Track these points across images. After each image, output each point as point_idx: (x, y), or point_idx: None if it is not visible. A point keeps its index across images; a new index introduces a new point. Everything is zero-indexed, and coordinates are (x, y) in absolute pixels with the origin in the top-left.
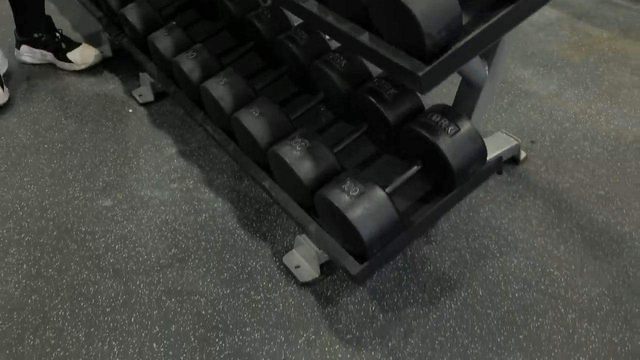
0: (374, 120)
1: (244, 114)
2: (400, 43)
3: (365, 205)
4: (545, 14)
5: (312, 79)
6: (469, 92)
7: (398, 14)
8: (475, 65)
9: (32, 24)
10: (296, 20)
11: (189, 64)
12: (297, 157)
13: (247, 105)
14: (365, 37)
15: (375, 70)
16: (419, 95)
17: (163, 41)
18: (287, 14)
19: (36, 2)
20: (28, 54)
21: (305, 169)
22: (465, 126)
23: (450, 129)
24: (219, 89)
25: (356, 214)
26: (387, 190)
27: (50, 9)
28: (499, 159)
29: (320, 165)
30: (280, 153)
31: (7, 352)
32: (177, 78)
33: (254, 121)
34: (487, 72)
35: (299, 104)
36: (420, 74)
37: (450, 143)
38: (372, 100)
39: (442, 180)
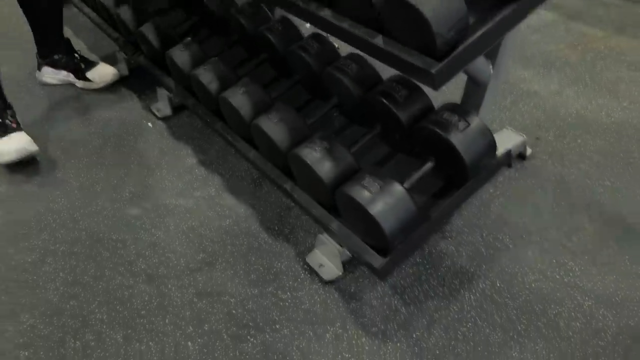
0: (387, 121)
1: (264, 120)
2: (412, 43)
3: (385, 200)
4: (540, 16)
5: (324, 85)
6: (475, 90)
7: (410, 16)
8: (481, 64)
9: (52, 47)
10: (305, 32)
11: (207, 77)
12: (318, 158)
13: (266, 112)
14: (379, 40)
15: (385, 74)
16: (429, 96)
17: (180, 56)
18: (297, 26)
19: (55, 25)
20: (49, 75)
21: (325, 168)
22: (475, 122)
23: (461, 124)
24: (238, 98)
25: (377, 208)
26: (405, 185)
27: (67, 31)
28: (508, 152)
29: (339, 165)
30: (301, 155)
31: (50, 354)
32: (195, 91)
33: (273, 126)
34: (492, 71)
35: (313, 110)
36: (433, 71)
37: (461, 138)
38: (385, 101)
39: (455, 175)
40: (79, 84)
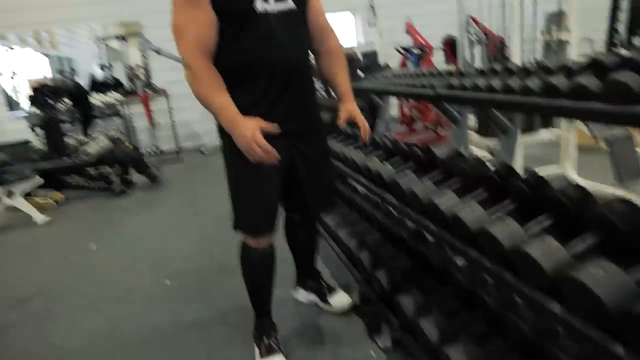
0: None
1: None
2: None
3: None
4: None
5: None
6: None
7: None
8: None
9: (306, 274)
10: None
11: (426, 326)
12: None
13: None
14: (620, 350)
15: None
16: None
17: (404, 302)
18: None
19: (310, 259)
20: (301, 295)
21: None
22: None
23: None
24: (452, 352)
25: None
26: None
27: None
28: None
29: None
30: None
31: None
32: (414, 332)
33: None
34: None
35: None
36: None
37: None
38: None
39: None
40: (322, 305)
